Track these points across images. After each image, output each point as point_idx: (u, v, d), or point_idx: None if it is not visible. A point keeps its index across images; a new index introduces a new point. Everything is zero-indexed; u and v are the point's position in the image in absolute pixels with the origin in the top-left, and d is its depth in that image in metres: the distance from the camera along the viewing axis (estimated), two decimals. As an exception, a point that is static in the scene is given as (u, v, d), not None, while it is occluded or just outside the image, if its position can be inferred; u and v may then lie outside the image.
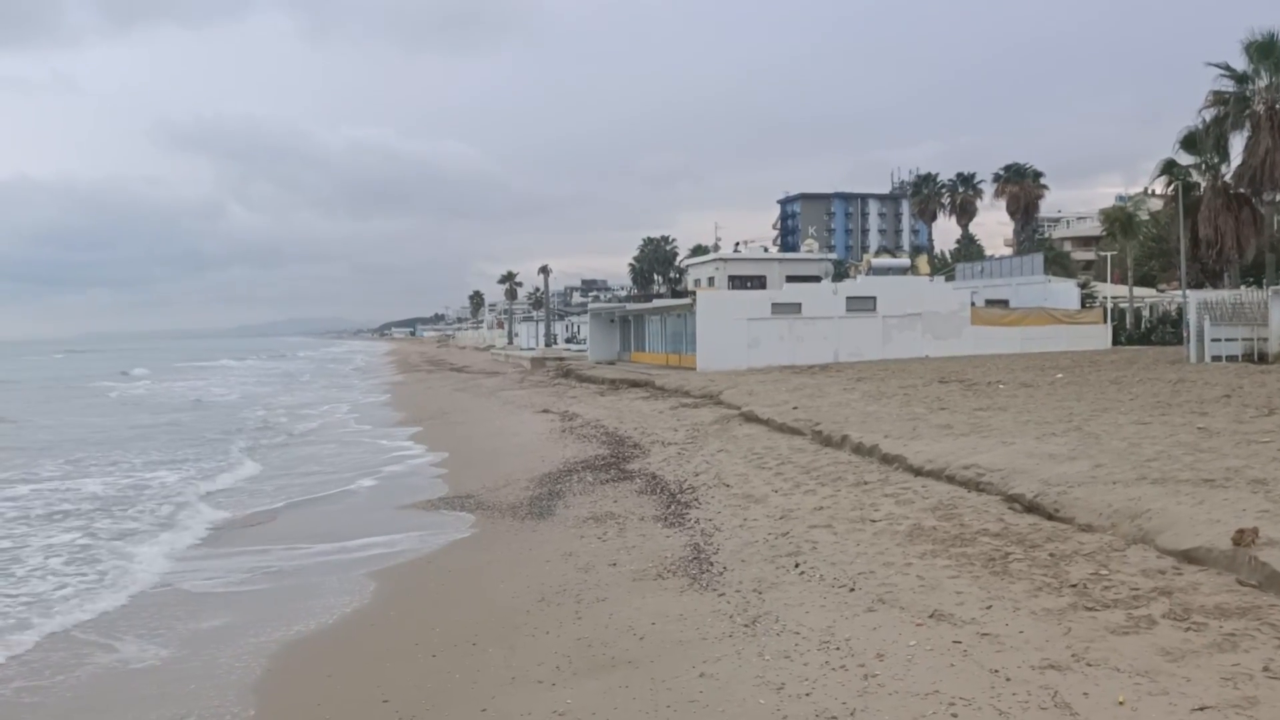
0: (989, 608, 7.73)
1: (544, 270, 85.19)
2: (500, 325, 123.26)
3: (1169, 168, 44.88)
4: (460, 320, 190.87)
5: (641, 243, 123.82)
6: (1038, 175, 72.11)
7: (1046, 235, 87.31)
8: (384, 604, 10.29)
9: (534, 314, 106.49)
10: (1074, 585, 8.08)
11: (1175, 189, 44.86)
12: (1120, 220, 53.85)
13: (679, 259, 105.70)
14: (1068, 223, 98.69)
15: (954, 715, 5.87)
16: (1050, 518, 10.38)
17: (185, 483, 19.02)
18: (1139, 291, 55.97)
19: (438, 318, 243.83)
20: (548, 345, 76.34)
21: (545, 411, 29.60)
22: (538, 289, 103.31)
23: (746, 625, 8.02)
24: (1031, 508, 10.82)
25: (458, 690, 7.36)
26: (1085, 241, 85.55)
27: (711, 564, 10.15)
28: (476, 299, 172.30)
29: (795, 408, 21.79)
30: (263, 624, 9.73)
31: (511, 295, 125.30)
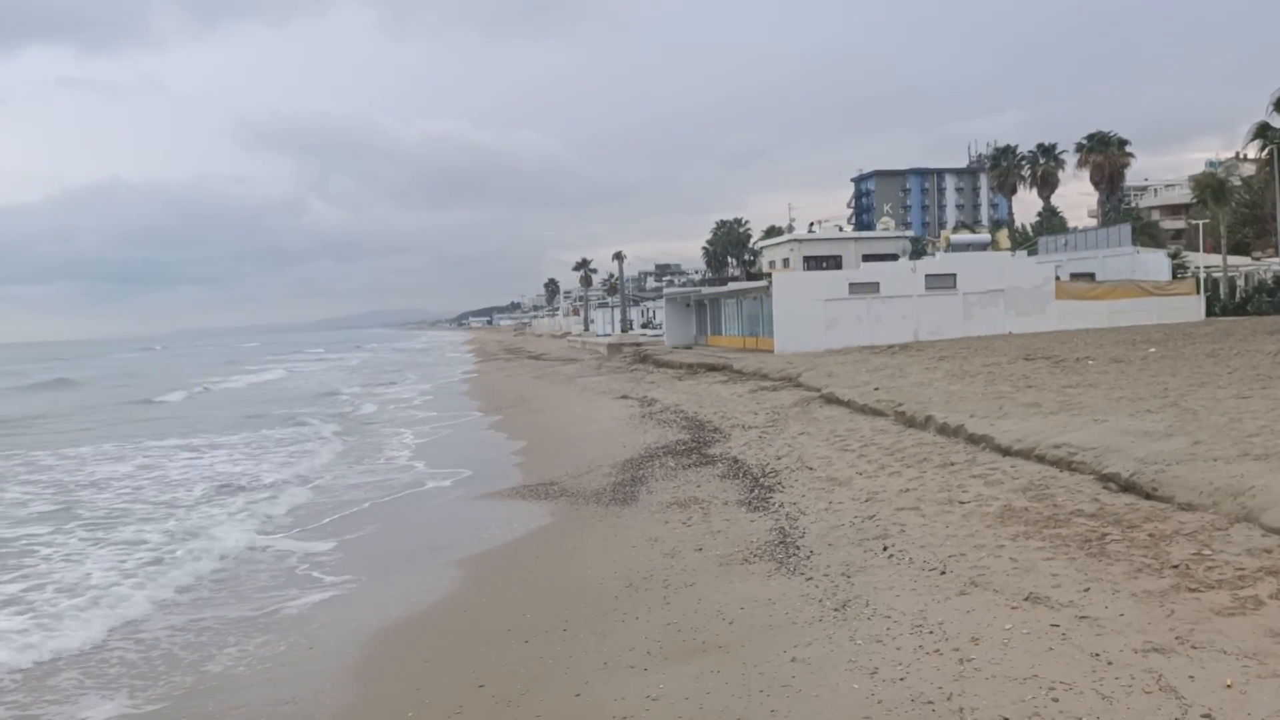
0: (1087, 590, 7.58)
1: (618, 256, 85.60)
2: (576, 312, 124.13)
3: (1262, 131, 43.23)
4: (536, 308, 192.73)
5: (714, 226, 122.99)
6: (1123, 143, 69.64)
7: (1133, 205, 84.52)
8: (475, 590, 10.48)
9: (609, 300, 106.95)
10: (1175, 566, 7.87)
11: (1269, 153, 43.13)
12: (1211, 187, 51.98)
13: (752, 241, 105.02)
14: (1155, 191, 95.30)
15: (1055, 699, 5.78)
16: (1148, 497, 10.10)
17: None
18: (1233, 260, 53.85)
19: (514, 306, 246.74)
20: (624, 331, 76.70)
21: (624, 397, 29.75)
22: (612, 275, 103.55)
23: (836, 609, 7.99)
24: (1128, 487, 10.54)
25: (551, 675, 7.47)
26: (1175, 210, 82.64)
27: (798, 548, 10.12)
28: (552, 286, 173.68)
29: (876, 389, 21.53)
30: (357, 609, 10.02)
31: (586, 282, 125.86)
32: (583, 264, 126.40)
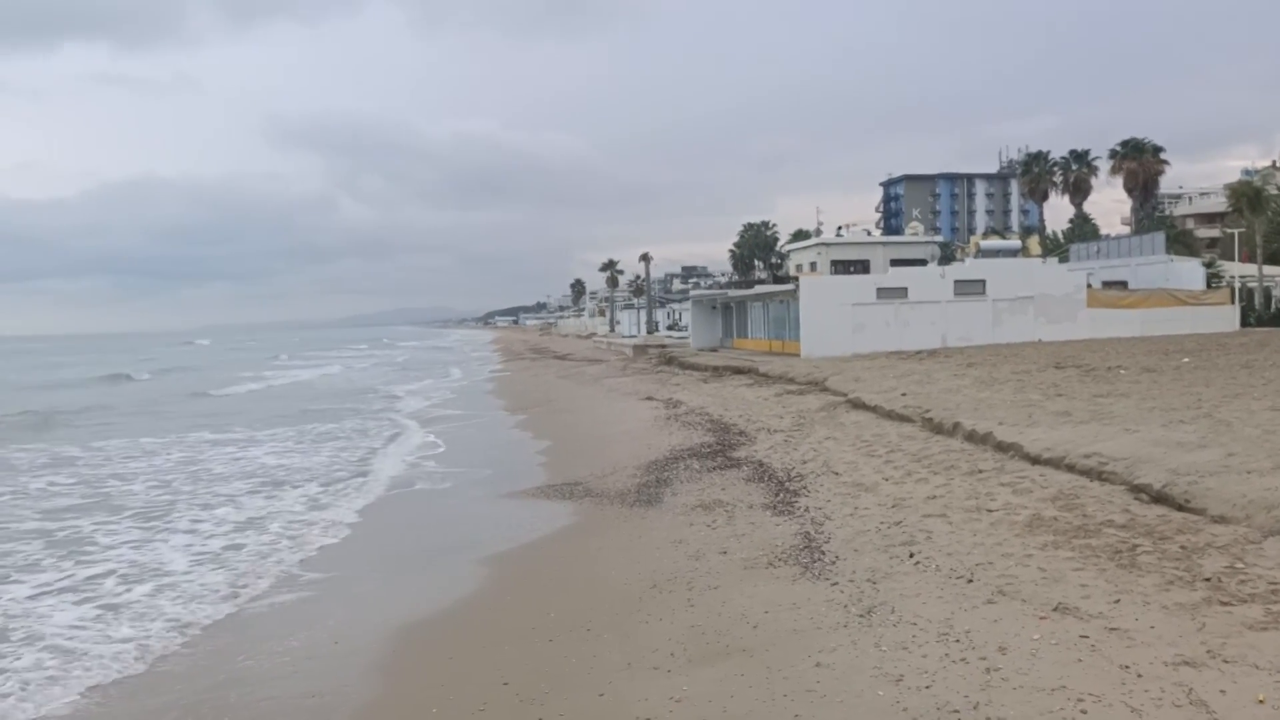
0: (1117, 602, 7.49)
1: (645, 258, 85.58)
2: (602, 313, 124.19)
3: (1302, 139, 42.47)
4: (562, 308, 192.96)
5: (741, 228, 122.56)
6: (1157, 150, 68.87)
7: (1167, 212, 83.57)
8: (499, 588, 10.50)
9: (635, 301, 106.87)
10: (1207, 579, 7.77)
11: (1308, 161, 42.46)
12: (1247, 195, 51.18)
13: (780, 244, 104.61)
14: (1190, 199, 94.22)
15: (1083, 711, 5.72)
16: (1180, 509, 9.99)
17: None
18: (1269, 270, 53.03)
19: (540, 306, 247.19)
20: (649, 332, 76.65)
21: (649, 399, 29.72)
22: (638, 276, 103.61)
23: (861, 615, 7.94)
24: (1159, 498, 10.43)
25: (575, 675, 7.47)
26: (1209, 218, 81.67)
27: (823, 553, 10.07)
28: (578, 287, 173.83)
29: (904, 394, 21.41)
30: (381, 606, 10.07)
31: (613, 283, 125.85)
32: (609, 265, 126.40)
